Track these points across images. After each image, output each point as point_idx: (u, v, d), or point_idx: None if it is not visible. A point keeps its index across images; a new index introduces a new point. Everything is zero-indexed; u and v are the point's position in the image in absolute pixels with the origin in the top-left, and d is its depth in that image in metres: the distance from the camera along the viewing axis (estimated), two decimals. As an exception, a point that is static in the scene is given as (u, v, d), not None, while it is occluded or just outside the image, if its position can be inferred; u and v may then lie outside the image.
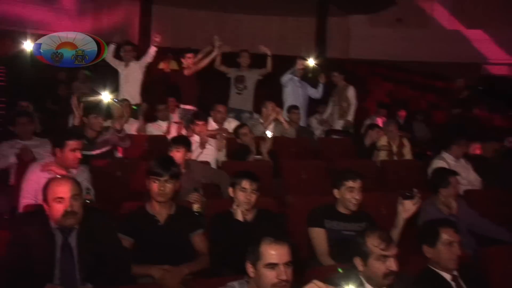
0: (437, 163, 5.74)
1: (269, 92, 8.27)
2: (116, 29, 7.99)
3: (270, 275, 2.53)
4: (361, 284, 2.92)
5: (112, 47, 7.62)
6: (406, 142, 7.38)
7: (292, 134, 7.30)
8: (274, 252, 2.56)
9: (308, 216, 4.12)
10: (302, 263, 3.78)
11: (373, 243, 2.86)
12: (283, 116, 7.63)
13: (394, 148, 7.18)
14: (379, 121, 8.82)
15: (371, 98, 11.53)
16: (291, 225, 4.55)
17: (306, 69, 8.39)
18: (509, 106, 11.96)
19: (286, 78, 8.13)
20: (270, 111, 7.24)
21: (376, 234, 2.89)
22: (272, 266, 2.54)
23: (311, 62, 8.35)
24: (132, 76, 7.90)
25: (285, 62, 8.47)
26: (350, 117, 8.72)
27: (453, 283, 3.25)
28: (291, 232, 4.38)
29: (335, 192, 4.10)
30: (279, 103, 8.09)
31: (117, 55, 7.89)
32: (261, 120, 7.32)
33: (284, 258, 2.56)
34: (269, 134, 7.05)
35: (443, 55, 16.20)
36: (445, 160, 5.85)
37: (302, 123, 8.21)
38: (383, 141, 7.09)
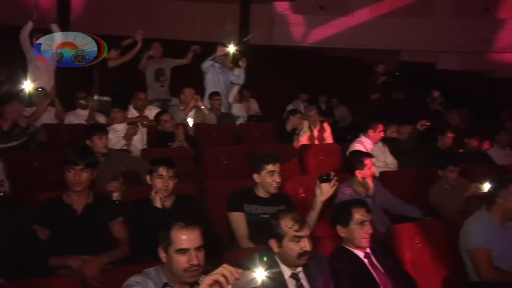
0: (355, 146, 5.90)
1: (189, 78, 8.21)
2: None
3: (181, 260, 2.51)
4: (277, 265, 2.97)
5: (30, 25, 7.16)
6: (326, 126, 7.55)
7: (213, 120, 7.28)
8: (184, 237, 2.53)
9: (227, 200, 4.13)
10: (221, 247, 3.81)
11: (286, 224, 2.91)
12: (205, 103, 7.61)
13: (315, 133, 7.34)
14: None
15: (293, 84, 11.67)
16: (212, 210, 4.57)
17: (227, 55, 8.38)
18: (423, 91, 12.45)
19: (206, 64, 8.09)
20: (188, 98, 7.19)
21: (289, 216, 2.94)
22: (183, 251, 2.52)
23: (231, 48, 8.34)
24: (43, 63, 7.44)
25: (209, 49, 8.44)
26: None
27: (365, 260, 3.36)
28: (212, 217, 4.40)
29: (255, 176, 4.14)
30: (201, 89, 8.08)
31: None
32: (181, 107, 7.25)
33: (195, 243, 2.54)
34: (190, 120, 7.03)
35: (363, 42, 16.65)
36: (362, 144, 6.02)
37: (224, 109, 8.21)
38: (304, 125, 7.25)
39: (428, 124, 6.34)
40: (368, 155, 4.87)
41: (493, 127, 8.40)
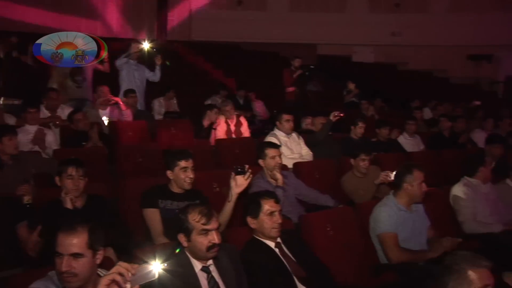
0: (268, 139, 5.96)
1: (106, 76, 8.05)
2: None
3: (57, 264, 2.47)
4: (187, 259, 2.96)
5: None
6: (243, 120, 7.61)
7: (128, 118, 7.17)
8: (60, 242, 2.47)
9: (141, 197, 4.09)
10: (135, 245, 3.76)
11: (194, 218, 2.91)
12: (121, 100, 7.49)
13: (232, 127, 7.39)
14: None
15: (211, 79, 11.68)
16: (127, 208, 4.50)
17: (141, 52, 8.26)
18: (340, 83, 12.78)
19: (121, 61, 7.94)
20: (102, 96, 7.05)
21: (197, 210, 2.94)
22: (58, 255, 2.47)
23: (146, 45, 8.23)
24: None
25: (125, 45, 8.31)
26: None
27: (276, 250, 3.41)
28: (127, 215, 4.35)
29: (169, 173, 4.12)
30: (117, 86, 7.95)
31: None
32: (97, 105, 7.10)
33: (70, 249, 2.47)
34: (105, 119, 6.89)
35: (281, 36, 16.90)
36: (276, 136, 6.09)
37: (140, 106, 8.10)
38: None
39: (341, 115, 6.49)
40: (272, 145, 4.91)
41: (404, 116, 8.73)
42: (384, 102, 11.93)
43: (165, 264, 1.98)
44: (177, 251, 2.97)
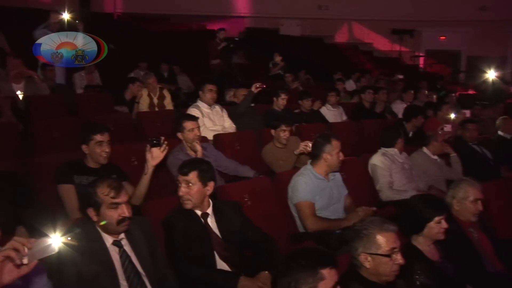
0: (190, 111, 5.89)
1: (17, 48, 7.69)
2: None
3: None
4: (98, 234, 2.90)
5: None
6: (166, 93, 7.49)
7: (45, 92, 6.89)
8: None
9: (55, 173, 3.96)
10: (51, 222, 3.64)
11: (103, 192, 2.84)
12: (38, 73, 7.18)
13: (155, 100, 7.27)
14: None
15: (135, 52, 11.38)
16: (41, 186, 4.34)
17: (61, 23, 7.92)
18: (267, 56, 12.79)
19: (38, 32, 7.58)
20: (15, 69, 6.73)
21: (105, 183, 2.87)
22: None
23: (66, 15, 7.90)
24: None
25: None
26: None
27: (202, 219, 3.39)
28: (41, 192, 4.20)
29: (84, 147, 4.01)
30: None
31: None
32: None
33: None
34: (19, 93, 6.60)
35: (208, 9, 16.68)
36: (199, 108, 6.03)
37: (60, 80, 7.81)
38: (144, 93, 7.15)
39: (263, 86, 6.49)
40: (190, 118, 4.87)
41: (327, 88, 8.85)
42: (309, 74, 12.06)
43: (68, 238, 1.92)
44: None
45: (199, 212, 3.40)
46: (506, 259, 3.72)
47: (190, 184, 3.34)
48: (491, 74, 11.13)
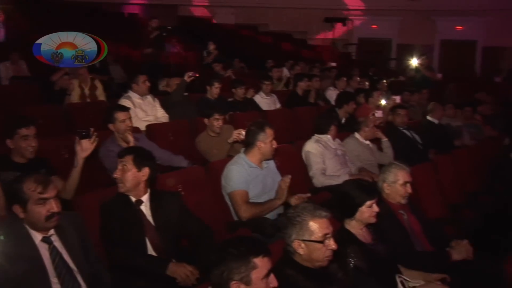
0: (122, 102, 5.77)
1: None
2: None
3: None
4: (25, 231, 2.78)
5: None
6: (98, 84, 7.29)
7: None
8: None
9: (-21, 170, 3.78)
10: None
11: (29, 187, 2.72)
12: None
13: (86, 91, 7.06)
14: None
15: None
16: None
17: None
18: (201, 44, 12.68)
19: None
20: None
21: (32, 178, 2.75)
22: None
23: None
24: None
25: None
26: None
27: (135, 206, 3.35)
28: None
29: (8, 142, 3.86)
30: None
31: None
32: None
33: None
34: None
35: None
36: (130, 99, 5.92)
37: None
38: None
39: (196, 75, 6.43)
40: (122, 108, 4.78)
41: (261, 76, 8.86)
42: (244, 63, 12.05)
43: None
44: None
45: (133, 199, 3.36)
46: (434, 237, 3.84)
47: (125, 167, 3.31)
48: (414, 62, 11.52)
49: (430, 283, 3.25)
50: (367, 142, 5.78)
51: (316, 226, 2.65)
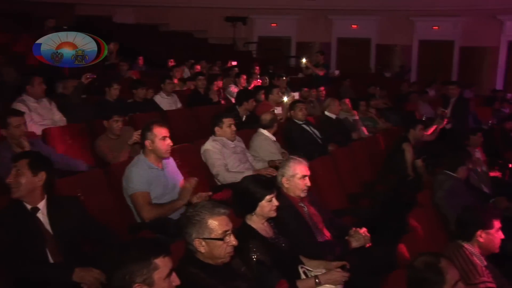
0: (15, 106, 5.53)
1: None
2: None
3: None
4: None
5: None
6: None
7: None
8: None
9: None
10: None
11: None
12: None
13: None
14: None
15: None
16: None
17: None
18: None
19: None
20: None
21: None
22: None
23: None
24: None
25: None
26: None
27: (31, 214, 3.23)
28: None
29: None
30: None
31: None
32: None
33: None
34: None
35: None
36: (25, 102, 5.69)
37: None
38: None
39: (94, 76, 6.29)
40: (16, 113, 4.62)
41: (163, 76, 8.79)
42: (145, 63, 11.89)
43: None
44: None
45: (29, 206, 3.23)
46: (334, 227, 4.01)
47: (19, 172, 3.18)
48: (304, 60, 11.91)
49: (331, 271, 3.35)
50: (273, 137, 5.88)
51: (215, 224, 2.68)
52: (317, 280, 3.26)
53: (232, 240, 2.70)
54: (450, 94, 9.00)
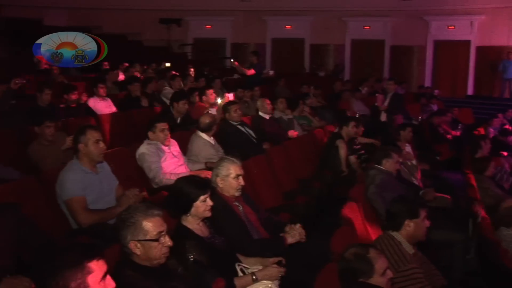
0: None
1: None
2: None
3: None
4: None
5: None
6: None
7: None
8: None
9: None
10: None
11: None
12: None
13: None
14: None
15: None
16: None
17: None
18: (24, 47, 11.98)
19: None
20: None
21: None
22: None
23: None
24: None
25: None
26: None
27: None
28: None
29: None
30: None
31: None
32: None
33: None
34: None
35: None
36: None
37: None
38: None
39: (23, 81, 6.14)
40: None
41: (96, 80, 8.65)
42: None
43: None
44: None
45: None
46: (270, 224, 4.09)
47: None
48: (232, 60, 12.01)
49: (267, 267, 3.42)
50: (211, 139, 5.91)
51: (149, 225, 2.70)
52: (254, 277, 3.32)
53: (167, 240, 2.73)
54: (387, 89, 9.35)
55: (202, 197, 3.32)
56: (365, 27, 18.58)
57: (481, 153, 7.18)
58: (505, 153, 8.25)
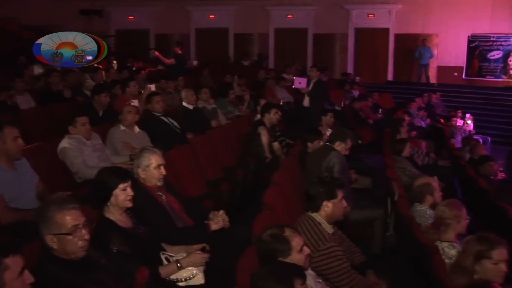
0: None
1: None
2: None
3: None
4: None
5: None
6: None
7: None
8: None
9: None
10: None
11: None
12: None
13: None
14: None
15: None
16: None
17: None
18: None
19: None
20: None
21: None
22: None
23: None
24: None
25: None
26: None
27: None
28: None
29: None
30: None
31: None
32: None
33: None
34: None
35: None
36: None
37: None
38: None
39: None
40: None
41: (13, 74, 8.37)
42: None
43: None
44: None
45: None
46: (194, 212, 4.14)
47: None
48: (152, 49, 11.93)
49: (191, 254, 3.48)
50: (137, 130, 5.86)
51: (64, 219, 2.67)
52: (178, 264, 3.38)
53: (84, 234, 2.71)
54: (310, 76, 9.59)
55: (121, 186, 3.32)
56: (288, 16, 18.83)
57: (400, 136, 7.51)
58: (414, 133, 8.74)
